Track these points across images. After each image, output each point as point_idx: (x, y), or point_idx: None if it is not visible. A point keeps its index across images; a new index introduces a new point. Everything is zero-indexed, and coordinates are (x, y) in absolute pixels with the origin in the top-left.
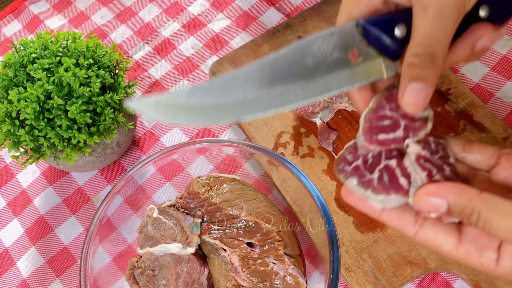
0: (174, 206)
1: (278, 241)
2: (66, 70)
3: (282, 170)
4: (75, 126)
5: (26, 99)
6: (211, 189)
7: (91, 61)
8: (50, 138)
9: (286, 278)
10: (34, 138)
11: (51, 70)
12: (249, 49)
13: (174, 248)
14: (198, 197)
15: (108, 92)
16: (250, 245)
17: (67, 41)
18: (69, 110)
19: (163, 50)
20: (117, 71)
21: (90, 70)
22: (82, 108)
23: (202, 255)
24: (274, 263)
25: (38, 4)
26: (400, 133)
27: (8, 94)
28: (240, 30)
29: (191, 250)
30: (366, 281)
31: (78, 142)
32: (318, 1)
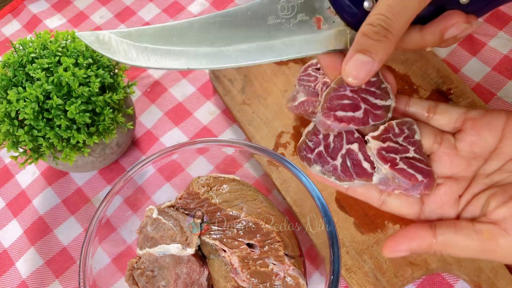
0: (173, 206)
1: (278, 241)
2: (65, 70)
3: (282, 170)
4: (74, 126)
5: (25, 99)
6: (211, 189)
7: (91, 60)
8: (49, 138)
9: (286, 279)
10: (33, 138)
11: (50, 70)
12: None
13: (174, 249)
14: (198, 197)
15: (107, 92)
16: (250, 245)
17: (66, 40)
18: (68, 110)
19: None
20: (116, 71)
21: (89, 69)
22: (81, 108)
23: (201, 256)
24: (274, 264)
25: (37, 3)
26: (359, 114)
27: (7, 94)
28: None
29: (191, 251)
30: (367, 282)
31: (77, 142)
32: None
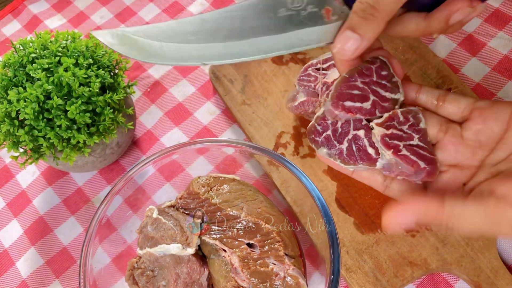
0: (174, 206)
1: (278, 241)
2: (66, 70)
3: (282, 170)
4: (75, 126)
5: (26, 99)
6: (211, 189)
7: (91, 61)
8: (50, 138)
9: (286, 279)
10: (34, 138)
11: (51, 70)
12: None
13: (174, 248)
14: (198, 197)
15: (107, 92)
16: (250, 245)
17: (67, 41)
18: (68, 110)
19: None
20: (116, 71)
21: (90, 70)
22: (82, 108)
23: (202, 256)
24: (274, 264)
25: (37, 3)
26: (367, 105)
27: (7, 94)
28: None
29: (191, 250)
30: (367, 281)
31: (78, 142)
32: None
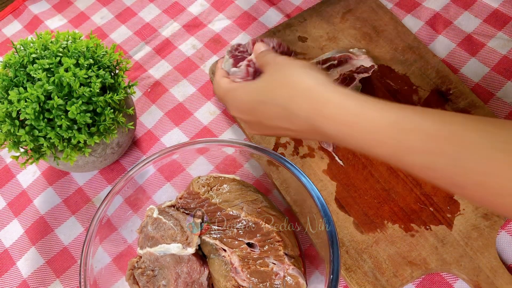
0: (174, 206)
1: (278, 241)
2: (66, 70)
3: (282, 170)
4: (75, 126)
5: (26, 99)
6: (211, 189)
7: (91, 61)
8: (50, 138)
9: (286, 279)
10: (34, 138)
11: (51, 70)
12: None
13: (174, 248)
14: (198, 197)
15: (108, 92)
16: (250, 245)
17: (67, 41)
18: (69, 110)
19: (163, 50)
20: (117, 71)
21: (90, 70)
22: (82, 108)
23: (202, 256)
24: (274, 264)
25: (38, 4)
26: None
27: (8, 94)
28: (240, 30)
29: (191, 250)
30: (366, 281)
31: (78, 142)
32: (318, 1)
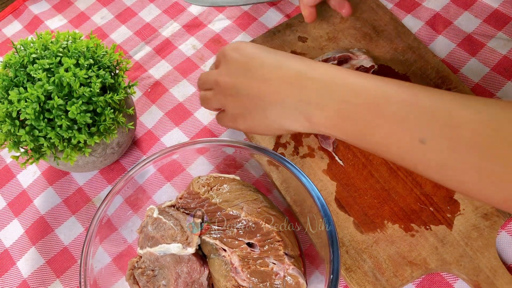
0: (174, 206)
1: (278, 241)
2: (66, 70)
3: (282, 170)
4: (75, 126)
5: (26, 99)
6: (211, 189)
7: (91, 61)
8: (50, 138)
9: (286, 279)
10: (34, 138)
11: (52, 70)
12: None
13: (174, 248)
14: (198, 197)
15: (108, 92)
16: (250, 245)
17: (68, 41)
18: (69, 110)
19: (163, 50)
20: (117, 71)
21: (90, 70)
22: (82, 108)
23: (202, 255)
24: (274, 263)
25: (38, 4)
26: None
27: (8, 95)
28: (240, 31)
29: (191, 250)
30: (366, 281)
31: (78, 142)
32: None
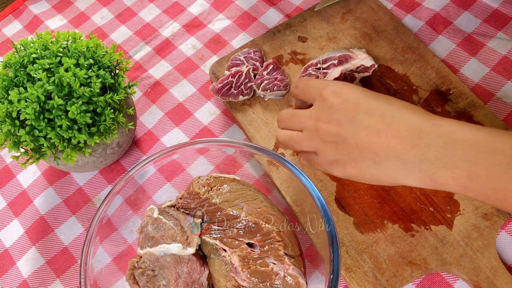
0: (174, 206)
1: (278, 241)
2: (67, 70)
3: (282, 170)
4: (76, 127)
5: (27, 99)
6: (211, 189)
7: (91, 61)
8: (51, 138)
9: (286, 279)
10: (35, 138)
11: (52, 70)
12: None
13: (174, 248)
14: (198, 197)
15: (108, 92)
16: (250, 245)
17: (68, 41)
18: (69, 110)
19: (163, 50)
20: (117, 71)
21: (90, 70)
22: (83, 108)
23: (202, 256)
24: (274, 264)
25: (38, 4)
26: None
27: (8, 95)
28: (240, 30)
29: (191, 250)
30: (366, 281)
31: (79, 142)
32: (318, 1)
